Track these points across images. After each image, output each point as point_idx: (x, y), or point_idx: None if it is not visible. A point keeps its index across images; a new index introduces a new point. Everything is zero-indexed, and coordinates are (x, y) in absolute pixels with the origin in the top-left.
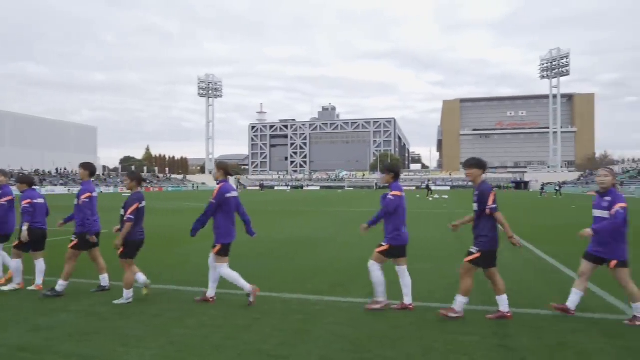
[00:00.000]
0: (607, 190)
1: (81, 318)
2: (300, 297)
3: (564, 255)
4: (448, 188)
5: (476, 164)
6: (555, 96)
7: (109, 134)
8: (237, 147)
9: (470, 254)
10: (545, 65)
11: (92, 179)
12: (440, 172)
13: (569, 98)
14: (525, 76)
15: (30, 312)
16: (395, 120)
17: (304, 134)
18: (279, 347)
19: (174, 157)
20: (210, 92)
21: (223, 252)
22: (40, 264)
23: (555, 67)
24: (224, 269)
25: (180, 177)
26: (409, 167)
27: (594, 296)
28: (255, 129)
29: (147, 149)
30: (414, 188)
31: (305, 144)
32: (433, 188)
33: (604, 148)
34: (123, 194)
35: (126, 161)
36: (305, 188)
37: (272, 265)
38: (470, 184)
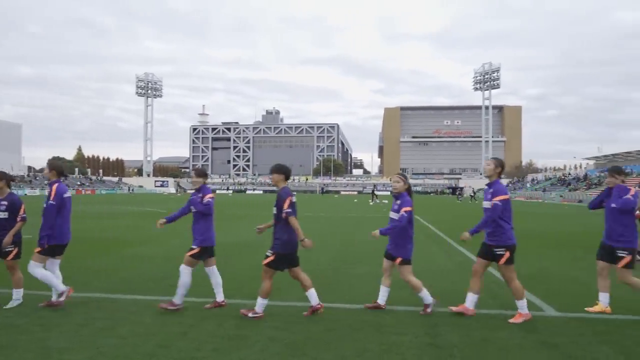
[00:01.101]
0: (399, 195)
1: None
2: (237, 302)
3: None
4: (388, 193)
5: (277, 169)
6: (487, 107)
7: (35, 132)
8: (177, 149)
9: (266, 257)
10: (479, 78)
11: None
12: (381, 178)
13: (499, 109)
14: (459, 87)
15: None
16: (338, 126)
17: (247, 137)
18: (213, 353)
19: (108, 159)
20: (149, 91)
21: (49, 253)
22: None
23: (487, 80)
24: (38, 269)
25: (115, 179)
26: (351, 172)
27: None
28: (197, 130)
29: (79, 149)
30: (355, 192)
31: (248, 147)
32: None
33: (529, 157)
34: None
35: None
36: (248, 192)
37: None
38: (415, 188)
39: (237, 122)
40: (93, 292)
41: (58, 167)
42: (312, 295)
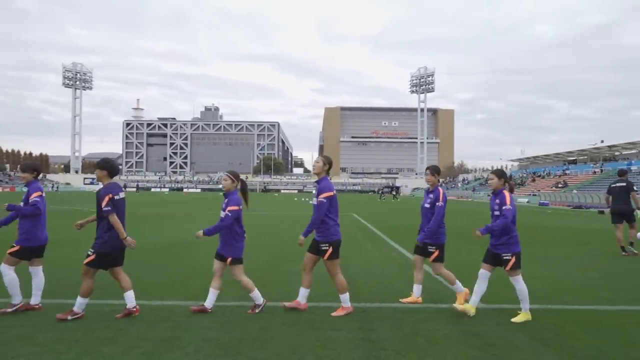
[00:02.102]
0: (228, 193)
1: None
2: (171, 303)
3: None
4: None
5: (101, 165)
6: (422, 110)
7: None
8: (108, 144)
9: (87, 255)
10: (415, 81)
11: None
12: None
13: (433, 112)
14: (396, 89)
15: None
16: (279, 124)
17: (184, 133)
18: (142, 356)
19: (31, 153)
20: (77, 82)
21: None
22: None
23: (423, 83)
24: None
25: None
26: (291, 171)
27: (444, 288)
28: (131, 126)
29: None
30: (295, 191)
31: (186, 144)
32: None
33: (461, 158)
34: None
35: None
36: (185, 190)
37: (142, 272)
38: (354, 187)
39: (174, 118)
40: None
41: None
42: (129, 297)
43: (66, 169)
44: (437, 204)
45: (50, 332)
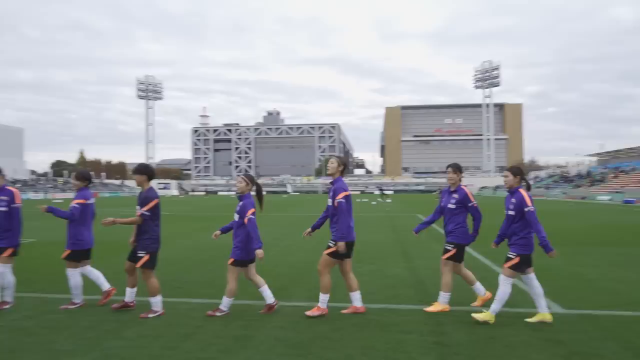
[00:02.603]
0: (242, 196)
1: (5, 334)
2: (242, 302)
3: (495, 253)
4: (392, 192)
5: (140, 170)
6: (487, 105)
7: (37, 136)
8: (178, 151)
9: (140, 258)
10: (479, 76)
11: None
12: (383, 177)
13: (500, 107)
14: (458, 86)
15: None
16: (339, 126)
17: (248, 138)
18: (219, 354)
19: (110, 161)
20: (149, 94)
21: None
22: None
23: (487, 78)
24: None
25: (118, 182)
26: (352, 172)
27: (520, 292)
28: (198, 132)
29: (81, 153)
30: (358, 192)
31: (250, 148)
32: (379, 192)
33: (532, 154)
34: (53, 201)
35: (58, 165)
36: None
37: (214, 272)
38: (417, 187)
39: (237, 124)
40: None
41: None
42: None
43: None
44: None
45: (135, 327)
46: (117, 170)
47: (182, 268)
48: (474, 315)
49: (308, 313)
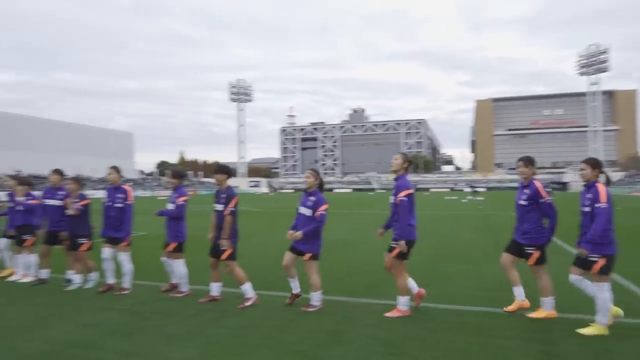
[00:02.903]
0: (312, 191)
1: (124, 316)
2: (334, 298)
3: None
4: (484, 189)
5: (221, 170)
6: (594, 93)
7: (144, 140)
8: (268, 150)
9: (225, 251)
10: (583, 61)
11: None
12: (474, 174)
13: (609, 95)
14: (559, 73)
15: (76, 311)
16: (426, 121)
17: (334, 136)
18: (314, 348)
19: (205, 161)
20: (240, 96)
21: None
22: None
23: (594, 63)
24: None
25: (213, 180)
26: (440, 169)
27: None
28: (286, 132)
29: (181, 154)
30: (447, 189)
31: (335, 146)
32: (470, 190)
33: None
34: (158, 198)
35: (161, 166)
36: (335, 190)
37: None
38: (511, 184)
39: (323, 122)
40: (204, 285)
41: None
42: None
43: (234, 173)
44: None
45: (234, 317)
46: (213, 169)
47: (275, 262)
48: (580, 330)
49: (388, 315)
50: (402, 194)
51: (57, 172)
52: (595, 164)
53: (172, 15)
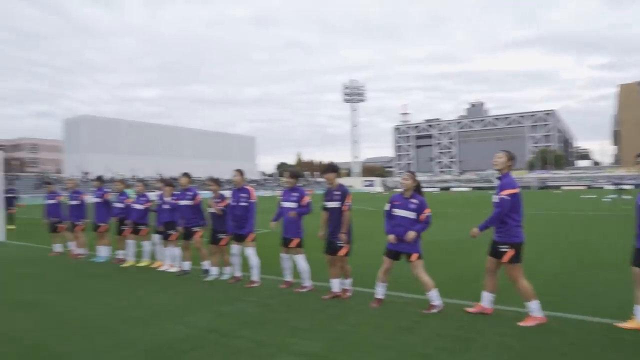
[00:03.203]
0: (411, 194)
1: (255, 308)
2: (458, 302)
3: None
4: (632, 186)
5: (332, 169)
6: None
7: (264, 143)
8: (381, 149)
9: (341, 248)
10: None
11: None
12: (618, 168)
13: None
14: None
15: (214, 300)
16: (555, 112)
17: (450, 132)
18: (440, 352)
19: (321, 162)
20: (354, 97)
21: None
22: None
23: None
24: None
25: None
26: (574, 164)
27: None
28: (400, 130)
29: (298, 155)
30: (584, 187)
31: (452, 143)
32: (614, 187)
33: None
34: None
35: (281, 167)
36: (453, 189)
37: (427, 268)
38: None
39: (438, 119)
40: (325, 282)
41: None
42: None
43: (348, 173)
44: None
45: (356, 315)
46: (322, 169)
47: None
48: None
49: (522, 324)
50: (506, 192)
51: (186, 175)
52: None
53: (287, 23)
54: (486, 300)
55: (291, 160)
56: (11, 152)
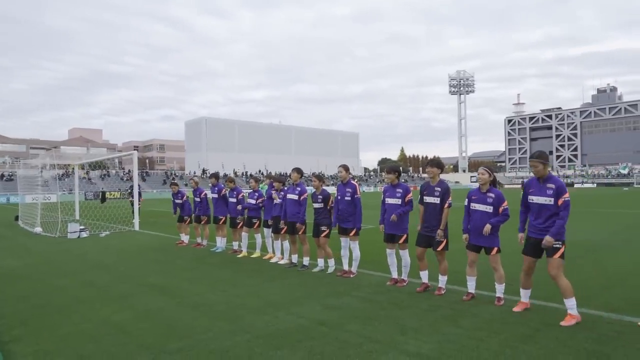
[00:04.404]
0: (488, 189)
1: (362, 303)
2: (586, 312)
3: None
4: None
5: (437, 164)
6: None
7: (367, 139)
8: (490, 143)
9: (438, 242)
10: None
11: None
12: None
13: None
14: None
15: (321, 293)
16: None
17: (572, 122)
18: None
19: (426, 157)
20: (461, 88)
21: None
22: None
23: None
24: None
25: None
26: None
27: None
28: (512, 122)
29: (402, 150)
30: None
31: (574, 134)
32: None
33: None
34: None
35: (383, 162)
36: (577, 185)
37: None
38: None
39: (559, 108)
40: (432, 282)
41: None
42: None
43: (454, 168)
44: None
45: (469, 318)
46: (427, 163)
47: (513, 262)
48: None
49: (563, 323)
50: (567, 195)
51: (297, 170)
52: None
53: (389, 18)
54: (525, 295)
55: (394, 155)
56: (143, 152)
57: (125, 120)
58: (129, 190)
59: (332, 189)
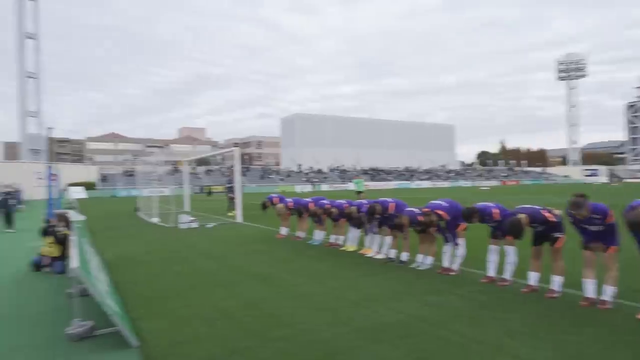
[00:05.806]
0: None
1: (464, 302)
2: None
3: None
4: None
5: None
6: None
7: (464, 131)
8: (606, 132)
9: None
10: None
11: None
12: None
13: None
14: None
15: (420, 289)
16: None
17: None
18: None
19: (529, 149)
20: (570, 73)
21: None
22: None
23: None
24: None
25: (538, 169)
26: None
27: None
28: (634, 108)
29: (502, 143)
30: None
31: None
32: None
33: None
34: (480, 188)
35: (481, 156)
36: None
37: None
38: None
39: None
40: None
41: None
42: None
43: (563, 161)
44: None
45: (593, 327)
46: (537, 157)
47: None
48: None
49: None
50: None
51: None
52: None
53: (483, 3)
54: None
55: (494, 148)
56: (243, 148)
57: (224, 118)
58: (229, 185)
59: (426, 183)
